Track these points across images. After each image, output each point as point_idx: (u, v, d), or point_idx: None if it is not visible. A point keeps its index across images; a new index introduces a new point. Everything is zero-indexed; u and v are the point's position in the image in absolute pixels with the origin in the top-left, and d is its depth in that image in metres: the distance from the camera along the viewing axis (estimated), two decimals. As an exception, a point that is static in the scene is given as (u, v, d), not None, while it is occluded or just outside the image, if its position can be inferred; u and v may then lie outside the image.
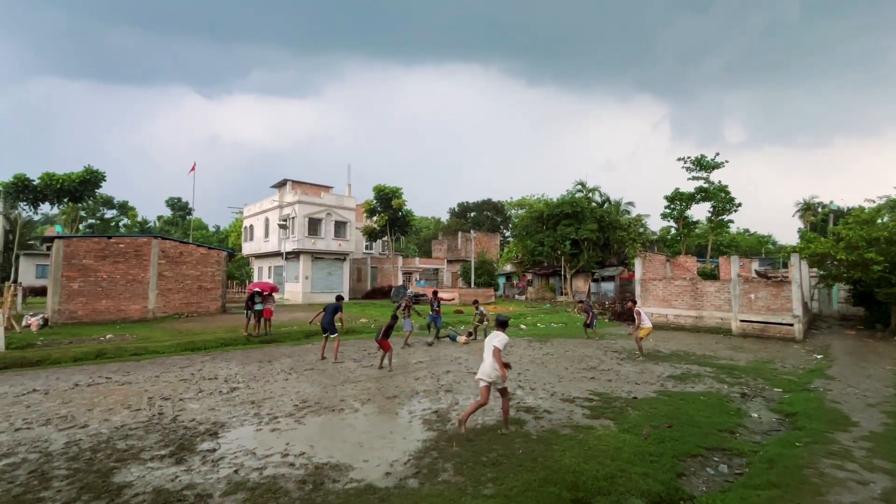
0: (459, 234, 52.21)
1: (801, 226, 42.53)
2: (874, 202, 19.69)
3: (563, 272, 35.92)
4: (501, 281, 44.51)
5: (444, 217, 75.45)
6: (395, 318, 10.87)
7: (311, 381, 8.99)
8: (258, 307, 14.78)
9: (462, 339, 14.66)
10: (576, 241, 33.68)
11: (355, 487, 4.42)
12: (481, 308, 15.31)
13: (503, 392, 6.06)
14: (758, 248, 56.76)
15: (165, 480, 4.57)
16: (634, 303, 13.49)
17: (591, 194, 37.26)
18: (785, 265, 29.75)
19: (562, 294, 35.97)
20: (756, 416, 7.19)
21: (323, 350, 11.39)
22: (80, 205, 35.88)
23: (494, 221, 69.50)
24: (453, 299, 30.17)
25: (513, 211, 65.57)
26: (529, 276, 40.92)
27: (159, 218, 65.52)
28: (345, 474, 4.72)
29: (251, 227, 37.04)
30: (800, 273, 17.40)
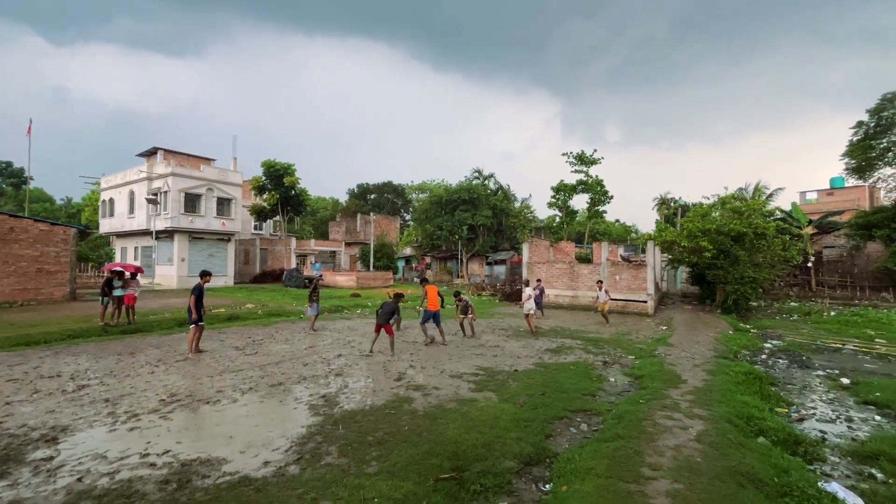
0: (359, 216, 50.95)
1: (658, 217, 49.60)
2: (709, 199, 23.71)
3: (460, 256, 37.27)
4: (401, 264, 44.68)
5: (343, 198, 72.92)
6: (399, 297, 10.26)
7: (182, 372, 8.14)
8: (118, 292, 12.86)
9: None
10: (472, 227, 35.10)
11: (228, 481, 4.14)
12: (465, 299, 13.06)
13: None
14: (625, 235, 64.90)
15: (-21, 500, 3.80)
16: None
17: (486, 181, 38.99)
18: (643, 251, 34.53)
19: (458, 277, 37.37)
20: (613, 380, 8.31)
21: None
22: None
23: (395, 204, 69.09)
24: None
25: (413, 195, 65.87)
26: (428, 260, 41.72)
27: (-21, 186, 52.98)
28: (217, 469, 4.39)
29: (111, 200, 31.84)
30: (654, 258, 20.31)
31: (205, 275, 10.00)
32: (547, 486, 4.37)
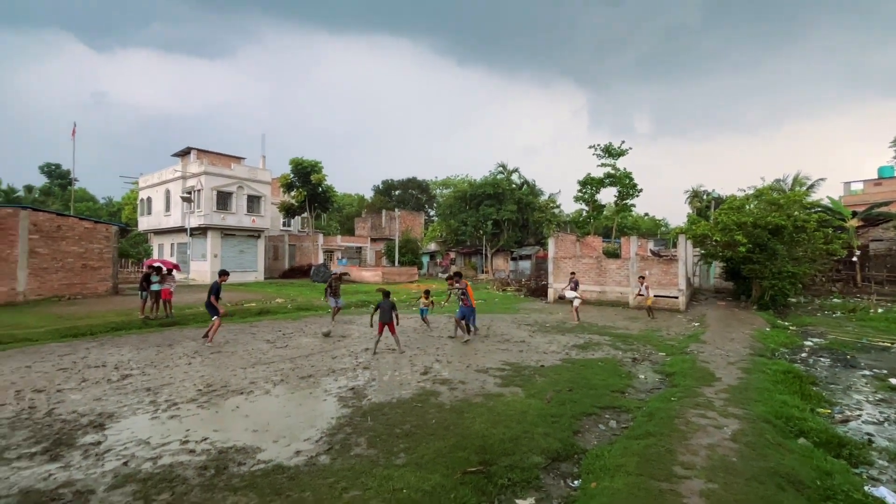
0: (384, 212, 51.47)
1: (690, 211, 48.05)
2: (744, 191, 22.78)
3: (484, 251, 37.14)
4: (425, 260, 44.90)
5: (368, 194, 73.72)
6: (387, 294, 9.75)
7: (217, 364, 8.45)
8: (155, 287, 13.43)
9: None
10: (497, 221, 34.90)
11: (262, 469, 4.28)
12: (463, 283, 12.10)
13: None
14: (654, 229, 63.18)
15: (36, 480, 4.06)
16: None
17: (511, 176, 38.64)
18: (674, 245, 33.54)
19: (483, 272, 37.26)
20: (643, 377, 8.13)
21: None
22: (-84, 167, 29.47)
23: (419, 200, 69.39)
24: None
25: (438, 190, 65.94)
26: (453, 255, 41.77)
27: (29, 188, 56.18)
28: (252, 456, 4.55)
29: (149, 199, 33.21)
30: (685, 252, 19.72)
31: (223, 274, 10.74)
32: (575, 482, 4.33)
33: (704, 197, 46.24)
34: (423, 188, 70.36)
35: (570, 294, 15.00)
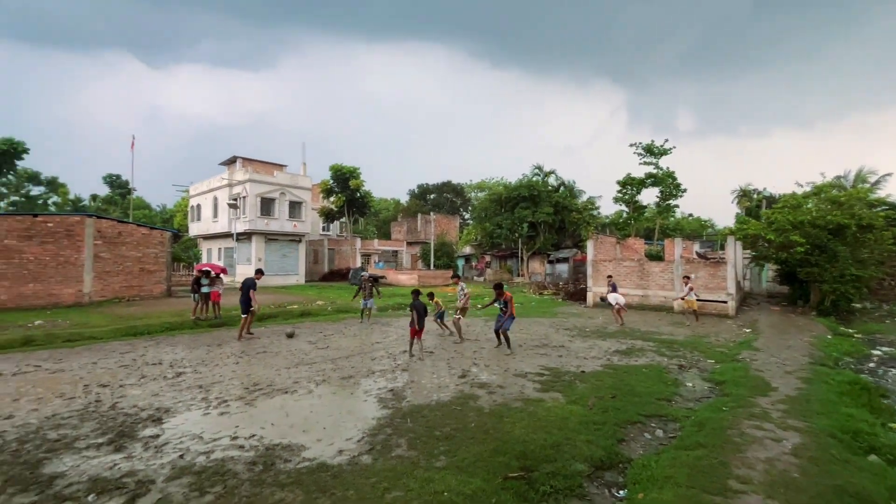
0: (419, 215, 51.96)
1: (738, 211, 45.61)
2: (802, 187, 21.39)
3: (520, 254, 36.73)
4: (461, 263, 44.92)
5: (404, 198, 74.69)
6: (418, 295, 9.75)
7: (263, 364, 8.78)
8: (205, 289, 14.14)
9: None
10: (533, 224, 34.45)
11: (308, 466, 4.40)
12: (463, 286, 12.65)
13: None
14: (699, 231, 60.39)
15: (103, 469, 4.35)
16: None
17: (547, 178, 38.06)
18: (722, 247, 31.89)
19: (519, 275, 36.84)
20: (690, 385, 7.77)
21: None
22: (-1, 180, 32.52)
23: (454, 203, 69.60)
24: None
25: (472, 193, 65.90)
26: (488, 258, 41.56)
27: (94, 197, 60.64)
28: (297, 454, 4.68)
29: (198, 206, 35.08)
30: (734, 254, 18.71)
31: (258, 273, 12.33)
32: (621, 492, 4.18)
33: (754, 196, 43.77)
34: (457, 192, 70.56)
35: (612, 297, 14.65)
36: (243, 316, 11.50)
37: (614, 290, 15.11)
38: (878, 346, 11.83)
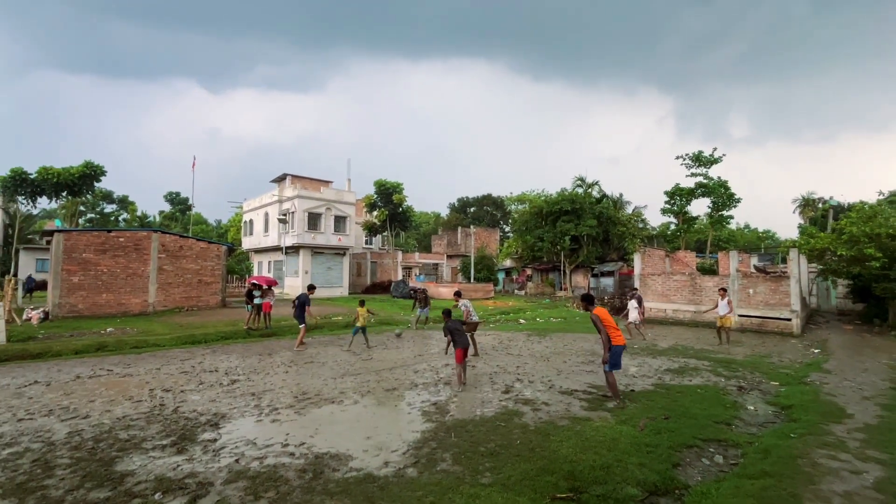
0: (459, 229, 52.19)
1: (801, 221, 42.56)
2: (882, 195, 19.68)
3: (562, 267, 35.97)
4: (501, 276, 44.54)
5: (444, 212, 75.37)
6: (449, 315, 8.84)
7: (311, 373, 9.05)
8: (257, 301, 14.83)
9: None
10: (575, 237, 33.70)
11: (355, 476, 4.48)
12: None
13: None
14: (757, 243, 56.76)
15: (167, 469, 4.62)
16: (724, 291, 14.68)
17: (590, 189, 37.25)
18: (784, 260, 29.80)
19: (561, 289, 36.03)
20: (752, 408, 7.25)
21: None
22: (79, 199, 35.84)
23: (494, 216, 69.41)
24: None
25: (512, 206, 65.50)
26: (529, 272, 40.98)
27: (160, 213, 65.48)
28: (344, 464, 4.77)
29: (251, 221, 37.04)
30: (798, 268, 17.43)
31: (311, 288, 13.19)
32: (679, 520, 3.95)
33: (819, 205, 40.73)
34: (497, 205, 70.35)
35: (632, 313, 14.74)
36: (301, 326, 12.34)
37: (640, 303, 14.75)
38: (973, 372, 10.56)
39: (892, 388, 8.35)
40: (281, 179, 34.15)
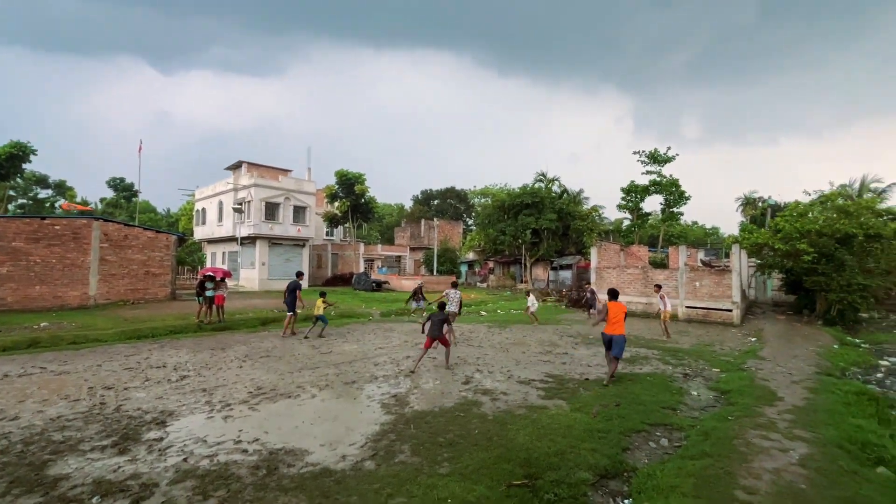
0: (423, 221, 52.03)
1: (743, 219, 45.40)
2: (810, 195, 21.29)
3: (523, 260, 36.68)
4: (464, 269, 44.88)
5: (408, 204, 74.85)
6: (441, 306, 9.32)
7: (266, 368, 8.78)
8: (209, 293, 14.20)
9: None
10: (536, 231, 34.41)
11: (311, 471, 4.39)
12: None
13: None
14: (705, 239, 60.13)
15: (107, 471, 4.36)
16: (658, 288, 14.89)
17: (551, 185, 38.10)
18: (727, 255, 31.73)
19: (522, 282, 36.77)
20: (695, 393, 7.71)
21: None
22: (7, 183, 32.86)
23: (458, 210, 69.67)
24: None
25: (476, 200, 65.98)
26: (491, 265, 41.51)
27: (102, 200, 61.15)
28: (300, 459, 4.67)
29: (203, 210, 35.30)
30: (739, 262, 18.62)
31: (300, 274, 13.44)
32: (626, 501, 4.15)
33: (759, 204, 43.56)
34: (461, 198, 70.63)
35: (529, 300, 16.65)
36: (289, 314, 12.58)
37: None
38: (885, 357, 11.71)
39: (817, 372, 9.11)
40: (236, 167, 32.71)
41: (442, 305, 9.42)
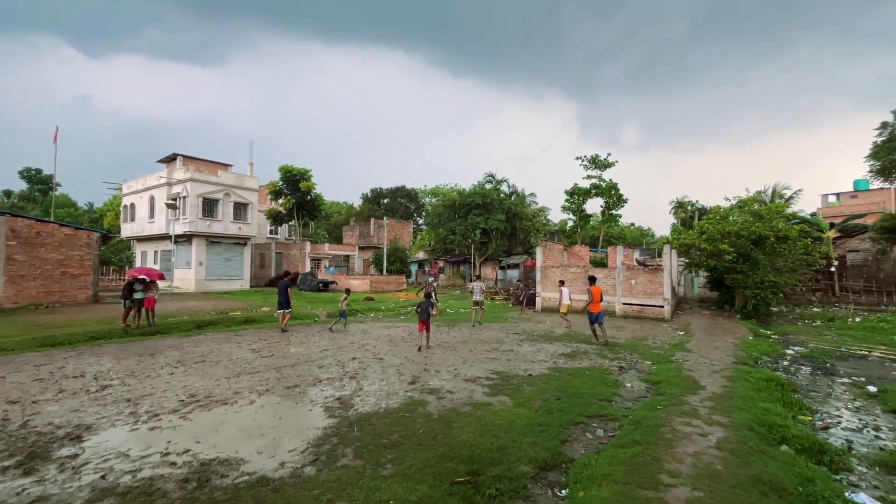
0: (372, 220, 51.33)
1: (674, 221, 48.85)
2: (730, 200, 23.27)
3: (472, 260, 37.21)
4: (414, 268, 44.78)
5: (357, 202, 73.56)
6: (427, 294, 13.68)
7: (201, 374, 8.28)
8: (138, 295, 13.16)
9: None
10: (485, 230, 35.04)
11: (246, 481, 4.20)
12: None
13: None
14: (640, 239, 64.04)
15: (8, 495, 3.91)
16: (562, 283, 16.61)
17: (500, 185, 38.94)
18: (660, 255, 33.99)
19: (471, 281, 37.29)
20: (629, 385, 8.19)
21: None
22: None
23: (408, 209, 69.42)
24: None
25: (426, 199, 66.08)
26: (441, 264, 41.74)
27: (7, 193, 54.85)
28: (235, 468, 4.45)
29: (132, 205, 32.66)
30: (670, 262, 20.01)
31: (286, 274, 14.65)
32: (563, 491, 4.32)
33: (689, 207, 47.07)
34: (411, 197, 70.45)
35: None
36: (285, 311, 13.26)
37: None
38: (790, 346, 13.05)
39: (735, 362, 9.98)
40: (170, 160, 30.57)
41: (428, 294, 12.08)
